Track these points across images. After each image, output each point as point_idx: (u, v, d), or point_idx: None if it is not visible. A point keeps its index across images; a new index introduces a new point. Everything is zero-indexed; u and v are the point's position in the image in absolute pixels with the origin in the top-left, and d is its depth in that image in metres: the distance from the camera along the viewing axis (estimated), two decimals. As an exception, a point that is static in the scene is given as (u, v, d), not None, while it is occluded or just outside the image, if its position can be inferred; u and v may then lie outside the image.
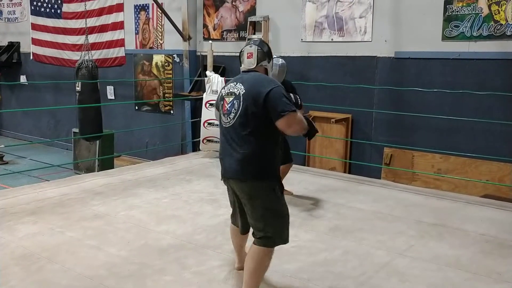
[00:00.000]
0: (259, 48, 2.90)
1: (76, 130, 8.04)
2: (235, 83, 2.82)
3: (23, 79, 11.66)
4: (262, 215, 2.75)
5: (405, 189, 5.41)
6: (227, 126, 2.79)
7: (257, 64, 2.89)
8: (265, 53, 2.92)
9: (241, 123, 2.71)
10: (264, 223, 2.75)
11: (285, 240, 2.86)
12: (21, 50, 11.77)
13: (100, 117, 7.01)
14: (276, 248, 3.63)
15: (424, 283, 3.13)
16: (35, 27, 11.15)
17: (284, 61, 4.66)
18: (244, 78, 2.83)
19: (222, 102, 2.86)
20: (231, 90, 2.81)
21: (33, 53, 11.29)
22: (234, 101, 2.75)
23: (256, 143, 2.70)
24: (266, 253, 2.77)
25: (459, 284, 3.13)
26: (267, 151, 2.74)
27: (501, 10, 5.41)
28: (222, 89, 2.93)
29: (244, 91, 2.73)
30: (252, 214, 2.78)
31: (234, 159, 2.73)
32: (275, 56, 4.23)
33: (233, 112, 2.74)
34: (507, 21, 5.39)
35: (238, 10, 7.78)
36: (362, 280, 3.18)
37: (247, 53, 2.90)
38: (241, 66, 2.95)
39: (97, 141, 8.09)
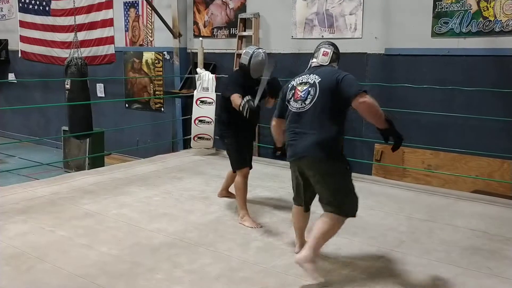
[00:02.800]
0: (335, 50, 3.28)
1: (66, 128, 7.98)
2: (307, 75, 3.14)
3: (11, 77, 11.54)
4: (337, 190, 3.04)
5: (396, 185, 5.45)
6: (300, 111, 3.05)
7: (329, 63, 3.23)
8: (338, 57, 3.30)
9: (317, 108, 2.99)
10: (337, 198, 3.02)
11: (354, 214, 3.12)
12: (9, 47, 11.63)
13: (90, 115, 6.96)
14: (268, 244, 3.66)
15: (415, 279, 3.16)
16: (23, 24, 11.04)
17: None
18: (317, 70, 3.15)
19: (293, 91, 3.13)
20: (304, 81, 3.11)
21: (21, 51, 11.18)
22: (309, 89, 3.04)
23: (331, 126, 2.98)
24: (340, 220, 3.04)
25: (450, 279, 3.16)
26: (340, 134, 3.06)
27: (490, 6, 5.45)
28: (291, 81, 3.22)
29: (320, 79, 3.04)
30: (327, 191, 3.04)
31: (311, 140, 2.98)
32: (255, 48, 4.29)
33: (309, 98, 3.02)
34: (496, 17, 5.42)
35: (229, 7, 7.76)
36: (353, 276, 3.19)
37: (324, 51, 3.25)
38: (312, 60, 3.28)
39: (87, 139, 8.04)
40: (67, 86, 6.76)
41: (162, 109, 8.97)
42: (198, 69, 7.13)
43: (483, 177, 5.47)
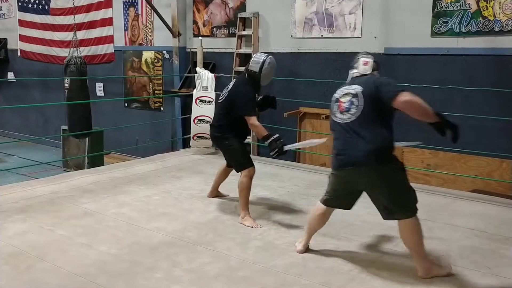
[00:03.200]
0: (374, 60, 3.33)
1: (65, 127, 7.97)
2: (348, 86, 3.18)
3: (10, 76, 11.53)
4: (399, 192, 3.08)
5: (395, 184, 5.44)
6: (347, 122, 3.09)
7: (371, 72, 3.26)
8: (378, 66, 3.35)
9: (364, 117, 3.04)
10: (402, 198, 3.07)
11: (416, 208, 3.14)
12: (9, 46, 11.62)
13: (89, 114, 6.95)
14: (267, 244, 3.66)
15: (414, 277, 3.16)
16: (22, 23, 11.03)
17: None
18: (357, 80, 3.20)
19: (337, 103, 3.18)
20: (345, 92, 3.15)
21: (20, 50, 11.17)
22: (353, 99, 3.09)
23: (379, 132, 3.05)
24: (417, 222, 3.10)
25: (449, 278, 3.16)
26: (390, 137, 3.10)
27: (489, 6, 5.45)
28: (334, 93, 3.26)
29: (362, 88, 3.08)
30: (389, 195, 3.07)
31: (363, 149, 3.01)
32: (265, 56, 4.29)
33: (353, 108, 3.07)
34: (495, 17, 5.43)
35: (228, 6, 7.75)
36: (352, 275, 3.20)
37: (363, 61, 3.28)
38: (352, 71, 3.31)
39: (87, 139, 8.03)
40: (66, 85, 6.76)
41: (162, 108, 8.97)
42: (197, 68, 7.13)
43: (482, 177, 5.47)
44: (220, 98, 4.36)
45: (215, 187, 4.80)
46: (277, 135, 4.01)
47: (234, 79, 4.47)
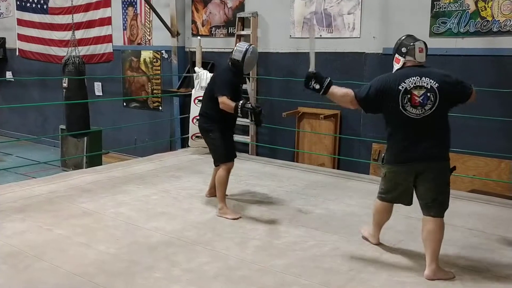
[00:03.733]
0: (425, 44, 3.28)
1: (63, 127, 7.96)
2: (418, 77, 3.10)
3: (9, 75, 11.50)
4: (445, 187, 3.22)
5: (394, 184, 5.44)
6: (420, 117, 3.09)
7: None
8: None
9: (438, 113, 3.09)
10: (445, 195, 3.22)
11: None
12: (7, 46, 11.59)
13: (88, 113, 6.95)
14: (266, 243, 3.67)
15: (414, 278, 3.16)
16: (21, 22, 11.01)
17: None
18: (425, 71, 3.15)
19: (409, 95, 3.08)
20: (418, 84, 3.09)
21: (19, 49, 11.14)
22: (428, 94, 3.07)
23: (446, 128, 3.20)
24: (443, 222, 3.23)
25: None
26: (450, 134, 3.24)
27: (488, 6, 5.46)
28: (398, 82, 3.12)
29: (437, 84, 3.09)
30: (439, 189, 3.19)
31: (433, 144, 3.13)
32: (247, 45, 4.39)
33: (429, 104, 3.07)
34: (494, 17, 5.43)
35: (227, 6, 7.75)
36: (351, 275, 3.20)
37: (419, 48, 3.22)
38: (404, 58, 3.23)
39: (85, 138, 8.02)
40: (65, 85, 6.74)
41: (160, 108, 8.96)
42: (196, 68, 7.13)
43: (480, 177, 5.48)
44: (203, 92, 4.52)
45: (213, 185, 4.78)
46: (242, 101, 4.10)
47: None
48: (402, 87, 3.11)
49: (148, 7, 8.34)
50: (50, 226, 3.94)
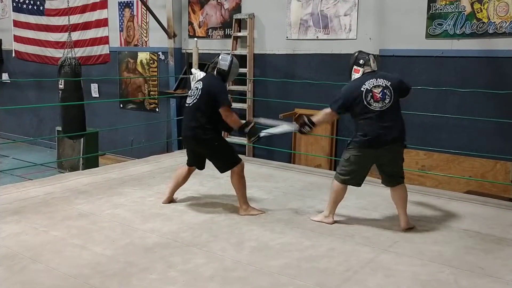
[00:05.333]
0: (374, 55, 4.15)
1: (60, 128, 7.95)
2: (375, 79, 3.92)
3: (5, 76, 11.48)
4: (401, 164, 4.08)
5: (390, 185, 5.45)
6: (382, 109, 3.87)
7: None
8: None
9: (394, 105, 3.90)
10: (402, 168, 4.09)
11: None
12: (3, 47, 11.56)
13: (84, 115, 6.94)
14: (262, 244, 3.67)
15: (409, 278, 3.17)
16: (17, 24, 10.99)
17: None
18: (379, 74, 3.98)
19: (370, 93, 3.87)
20: (375, 84, 3.90)
21: (15, 51, 11.12)
22: (385, 91, 3.88)
23: (401, 118, 4.01)
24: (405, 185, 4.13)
25: (443, 279, 3.17)
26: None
27: (484, 8, 5.48)
28: (361, 85, 3.90)
29: (390, 83, 3.92)
30: (399, 164, 4.06)
31: (396, 130, 3.91)
32: (229, 56, 4.52)
33: (387, 98, 3.87)
34: (489, 19, 5.46)
35: (223, 7, 7.76)
36: (347, 275, 3.20)
37: (372, 59, 4.06)
38: (362, 68, 4.03)
39: (81, 140, 8.00)
40: (61, 86, 6.74)
41: (157, 109, 8.96)
42: (192, 70, 7.12)
43: (476, 178, 5.49)
44: (190, 101, 4.30)
45: (174, 191, 4.68)
46: (253, 123, 4.33)
47: (200, 81, 4.41)
48: (364, 88, 3.90)
49: (145, 9, 8.34)
50: (46, 228, 3.93)
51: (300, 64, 7.03)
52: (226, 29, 7.76)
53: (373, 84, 3.90)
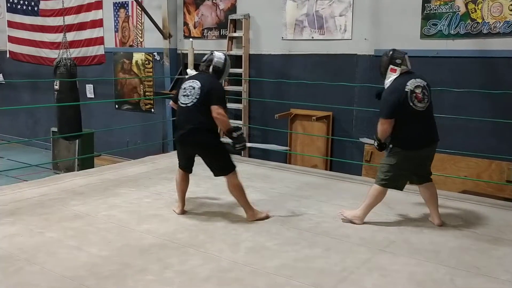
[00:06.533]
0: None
1: (55, 129, 7.92)
2: (414, 79, 3.90)
3: (-1, 77, 11.44)
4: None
5: (386, 185, 5.46)
6: (423, 109, 3.90)
7: None
8: None
9: (430, 105, 3.97)
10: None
11: None
12: (-2, 48, 11.54)
13: (79, 116, 6.92)
14: (258, 245, 3.67)
15: (405, 278, 3.18)
16: (11, 24, 10.95)
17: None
18: (416, 75, 3.96)
19: (414, 94, 3.85)
20: (416, 84, 3.88)
21: (10, 51, 11.08)
22: (424, 91, 3.90)
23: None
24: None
25: (439, 279, 3.18)
26: None
27: (478, 8, 5.50)
28: (403, 86, 3.85)
29: (426, 83, 3.95)
30: (431, 163, 4.14)
31: (434, 129, 4.03)
32: (222, 53, 4.46)
33: (426, 98, 3.91)
34: (484, 19, 5.48)
35: (219, 8, 7.76)
36: (343, 275, 3.21)
37: (407, 57, 4.00)
38: (399, 67, 3.94)
39: (77, 141, 7.98)
40: (56, 87, 6.72)
41: (152, 110, 8.94)
42: (188, 70, 7.05)
43: (471, 178, 5.51)
44: (187, 101, 4.14)
45: (183, 198, 4.46)
46: (242, 131, 4.22)
47: (195, 80, 4.23)
48: (408, 88, 3.85)
49: (140, 9, 8.33)
50: (42, 229, 3.92)
51: (295, 65, 7.04)
52: (222, 30, 7.76)
53: (414, 84, 3.87)
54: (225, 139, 4.36)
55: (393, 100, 3.87)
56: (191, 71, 6.97)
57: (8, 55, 11.12)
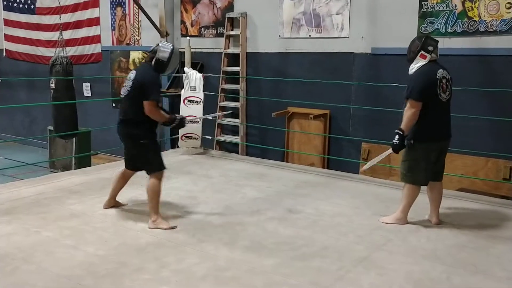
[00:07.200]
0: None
1: (52, 128, 7.89)
2: (441, 70, 3.88)
3: (-5, 76, 11.38)
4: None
5: (383, 184, 5.48)
6: (445, 100, 3.89)
7: None
8: None
9: (450, 99, 3.94)
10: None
11: None
12: (-7, 46, 11.48)
13: (75, 114, 6.89)
14: (255, 243, 3.67)
15: (402, 276, 3.18)
16: (7, 23, 10.88)
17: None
18: (442, 66, 3.93)
19: (441, 83, 3.83)
20: (442, 76, 3.86)
21: (6, 50, 11.01)
22: (447, 83, 3.88)
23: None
24: None
25: (436, 277, 3.19)
26: None
27: (475, 7, 5.50)
28: (434, 73, 3.83)
29: (450, 76, 3.93)
30: (444, 160, 4.14)
31: (449, 124, 4.00)
32: (170, 44, 4.29)
33: (448, 90, 3.89)
34: (480, 17, 5.48)
35: (216, 6, 7.74)
36: (340, 274, 3.21)
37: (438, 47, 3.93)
38: (430, 55, 3.87)
39: (73, 139, 7.96)
40: (52, 86, 6.68)
41: (149, 109, 8.91)
42: (185, 68, 7.10)
43: (468, 176, 5.51)
44: (123, 92, 4.12)
45: (114, 195, 4.47)
46: (180, 116, 4.25)
47: (134, 71, 4.21)
48: (438, 76, 3.83)
49: (137, 7, 8.30)
50: (38, 228, 3.91)
51: (292, 63, 7.03)
52: (219, 28, 7.75)
53: (441, 74, 3.86)
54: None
55: (425, 82, 3.81)
56: (188, 70, 7.01)
57: (4, 54, 11.06)
